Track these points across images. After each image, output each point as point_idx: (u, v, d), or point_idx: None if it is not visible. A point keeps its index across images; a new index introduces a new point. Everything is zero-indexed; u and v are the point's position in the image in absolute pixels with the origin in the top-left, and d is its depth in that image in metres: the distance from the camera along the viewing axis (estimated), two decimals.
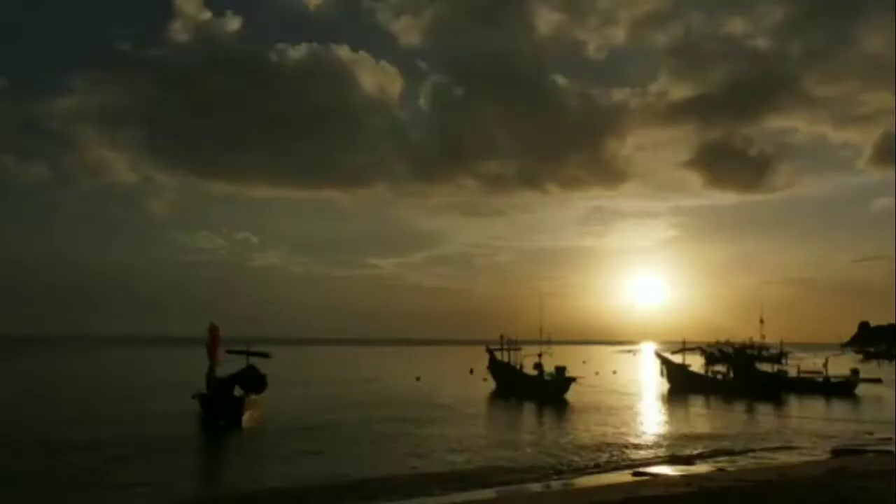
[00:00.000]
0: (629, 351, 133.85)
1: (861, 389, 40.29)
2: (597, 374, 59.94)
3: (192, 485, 14.87)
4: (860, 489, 12.43)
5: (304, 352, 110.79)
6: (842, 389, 39.79)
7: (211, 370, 26.04)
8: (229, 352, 29.37)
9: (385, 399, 34.31)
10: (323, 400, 33.25)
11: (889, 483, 12.91)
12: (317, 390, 39.82)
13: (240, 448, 20.60)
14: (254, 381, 30.02)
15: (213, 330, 26.74)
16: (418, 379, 47.51)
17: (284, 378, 48.24)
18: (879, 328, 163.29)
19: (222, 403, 24.90)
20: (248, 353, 31.27)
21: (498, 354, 41.34)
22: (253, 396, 27.85)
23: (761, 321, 44.39)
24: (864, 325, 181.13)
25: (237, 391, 26.22)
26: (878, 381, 43.71)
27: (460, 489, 14.06)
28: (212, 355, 26.15)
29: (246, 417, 24.77)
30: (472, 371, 52.71)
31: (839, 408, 32.99)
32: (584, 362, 74.86)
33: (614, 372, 64.53)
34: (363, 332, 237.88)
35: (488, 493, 13.74)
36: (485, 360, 43.30)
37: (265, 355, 31.49)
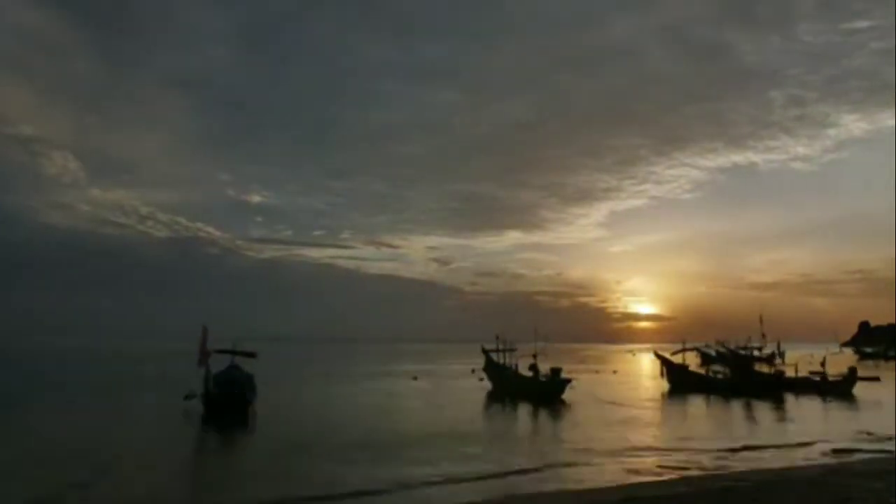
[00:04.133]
0: (629, 351, 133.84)
1: (858, 389, 40.33)
2: (596, 373, 60.07)
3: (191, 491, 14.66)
4: (860, 489, 12.43)
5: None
6: (839, 388, 39.86)
7: (207, 371, 25.94)
8: (216, 351, 29.23)
9: (379, 398, 34.35)
10: (317, 403, 33.03)
11: (889, 483, 12.91)
12: (312, 392, 39.74)
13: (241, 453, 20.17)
14: (239, 381, 29.95)
15: (204, 332, 26.60)
16: (415, 378, 47.56)
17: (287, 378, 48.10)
18: (879, 328, 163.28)
19: (230, 403, 24.72)
20: (234, 353, 31.15)
21: (494, 356, 41.33)
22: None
23: (761, 320, 44.24)
24: (864, 325, 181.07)
25: (248, 393, 26.02)
26: (876, 379, 43.60)
27: (457, 488, 14.04)
28: (203, 356, 26.03)
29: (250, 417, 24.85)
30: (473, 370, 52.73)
31: (837, 407, 33.00)
32: (581, 363, 75.06)
33: (615, 372, 64.56)
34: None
35: (487, 494, 13.71)
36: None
37: (251, 355, 31.36)
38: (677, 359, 44.85)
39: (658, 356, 45.22)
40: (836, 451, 19.45)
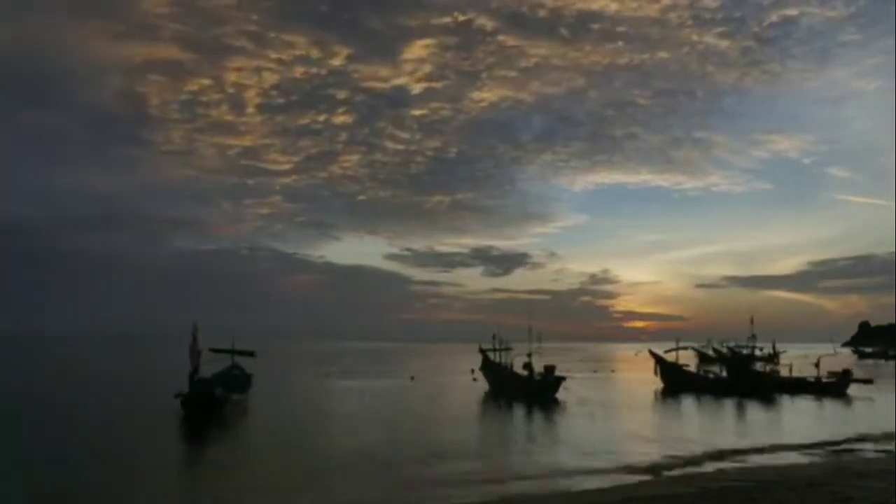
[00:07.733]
0: (633, 351, 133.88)
1: (852, 390, 40.39)
2: (595, 372, 60.03)
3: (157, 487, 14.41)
4: (860, 489, 12.39)
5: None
6: (833, 389, 39.93)
7: (194, 370, 25.77)
8: (213, 350, 29.08)
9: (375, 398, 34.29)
10: (312, 401, 32.95)
11: (889, 483, 12.88)
12: (310, 391, 39.67)
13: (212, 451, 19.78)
14: (237, 380, 29.92)
15: (195, 331, 26.38)
16: (412, 378, 47.65)
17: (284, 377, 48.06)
18: (879, 328, 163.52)
19: (202, 403, 24.65)
20: (233, 352, 31.14)
21: (491, 355, 41.29)
22: (236, 396, 27.64)
23: (752, 321, 44.13)
24: (864, 325, 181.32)
25: (218, 391, 25.87)
26: (869, 381, 43.64)
27: (459, 492, 13.93)
28: (193, 355, 25.86)
29: (227, 417, 24.63)
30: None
31: (832, 408, 32.91)
32: (579, 361, 75.09)
33: (612, 371, 64.55)
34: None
35: (487, 495, 13.63)
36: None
37: (250, 354, 31.36)
38: (671, 357, 44.85)
39: (652, 353, 45.25)
40: (835, 452, 19.41)
